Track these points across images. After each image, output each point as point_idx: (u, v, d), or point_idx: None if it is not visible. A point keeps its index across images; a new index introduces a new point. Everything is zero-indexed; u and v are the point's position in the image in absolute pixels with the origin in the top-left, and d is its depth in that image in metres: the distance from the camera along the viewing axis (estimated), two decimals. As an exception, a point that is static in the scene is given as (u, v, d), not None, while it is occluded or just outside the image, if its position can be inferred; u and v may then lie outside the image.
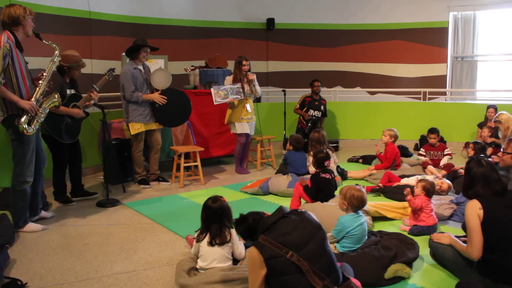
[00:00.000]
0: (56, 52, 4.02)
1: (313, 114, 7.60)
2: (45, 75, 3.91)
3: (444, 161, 5.87)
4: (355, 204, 3.20)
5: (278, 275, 2.13)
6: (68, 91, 4.62)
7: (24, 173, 3.82)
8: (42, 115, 3.85)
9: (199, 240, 2.91)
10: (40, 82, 3.88)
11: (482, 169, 2.75)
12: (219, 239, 2.84)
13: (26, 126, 3.70)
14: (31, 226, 3.99)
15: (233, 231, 2.91)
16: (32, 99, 3.77)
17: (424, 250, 3.32)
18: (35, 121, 3.78)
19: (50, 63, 3.99)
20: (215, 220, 2.87)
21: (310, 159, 5.08)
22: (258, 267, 2.15)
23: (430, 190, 3.84)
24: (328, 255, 2.23)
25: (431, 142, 6.06)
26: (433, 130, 6.07)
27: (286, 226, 2.21)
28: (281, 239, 2.15)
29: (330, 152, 5.54)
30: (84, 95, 4.71)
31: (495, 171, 2.76)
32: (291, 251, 2.11)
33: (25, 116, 3.70)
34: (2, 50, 3.53)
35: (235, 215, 2.48)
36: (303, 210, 2.37)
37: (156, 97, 5.39)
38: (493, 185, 2.69)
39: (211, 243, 2.84)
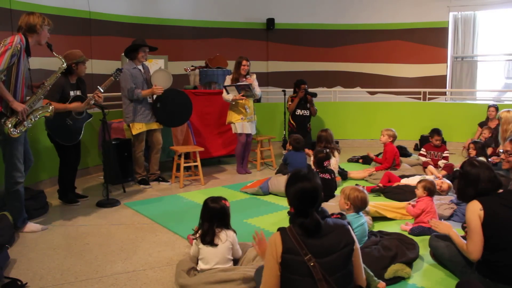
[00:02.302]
0: (63, 65, 4.03)
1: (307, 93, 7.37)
2: (45, 85, 3.93)
3: (442, 164, 5.81)
4: (359, 205, 3.22)
5: (289, 272, 2.07)
6: (72, 93, 4.60)
7: (14, 174, 3.82)
8: (31, 122, 3.82)
9: (195, 237, 2.94)
10: (38, 90, 3.90)
11: (476, 169, 2.74)
12: (208, 237, 2.86)
13: (12, 128, 3.68)
14: (30, 226, 3.99)
15: (231, 232, 2.93)
16: (26, 104, 3.77)
17: (424, 250, 3.32)
18: (22, 125, 3.75)
19: (54, 75, 4.00)
20: (207, 218, 2.91)
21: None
22: (274, 257, 2.06)
23: (431, 189, 3.84)
24: (347, 272, 2.15)
25: (435, 144, 6.00)
26: (438, 132, 5.98)
27: None
28: (306, 239, 2.07)
29: (336, 152, 5.56)
30: (89, 95, 4.70)
31: (489, 170, 2.75)
32: (310, 254, 2.04)
33: (13, 118, 3.69)
34: (12, 49, 3.58)
35: (235, 216, 2.46)
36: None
37: (154, 89, 5.37)
38: (487, 184, 2.69)
39: (202, 241, 2.87)
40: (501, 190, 2.78)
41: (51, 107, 3.99)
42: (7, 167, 3.82)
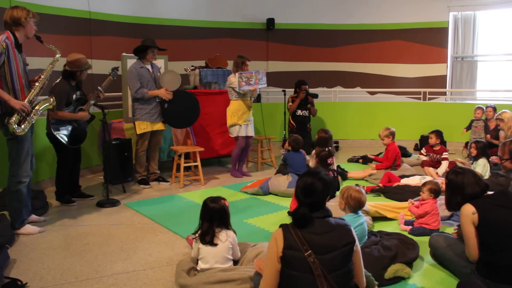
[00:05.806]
0: (57, 55, 4.03)
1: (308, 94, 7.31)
2: (42, 78, 3.92)
3: (442, 169, 5.68)
4: (352, 204, 3.21)
5: (289, 268, 2.10)
6: (74, 95, 4.63)
7: (18, 173, 3.81)
8: (34, 117, 3.82)
9: (195, 237, 2.94)
10: (36, 84, 3.89)
11: (460, 176, 2.77)
12: (208, 237, 2.86)
13: (16, 126, 3.69)
14: (27, 228, 3.96)
15: (231, 232, 2.94)
16: (26, 100, 3.77)
17: (424, 250, 3.32)
18: (26, 121, 3.75)
19: (49, 65, 4.00)
20: (207, 218, 2.91)
21: (313, 154, 5.02)
22: (275, 252, 2.11)
23: (437, 191, 3.85)
24: (347, 270, 2.18)
25: (430, 143, 6.04)
26: (437, 133, 5.99)
27: (319, 227, 2.16)
28: (307, 236, 2.12)
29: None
30: (90, 95, 4.74)
31: (473, 174, 2.78)
32: (311, 251, 2.08)
33: (15, 116, 3.69)
34: None
35: (235, 216, 2.46)
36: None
37: (162, 93, 5.37)
38: (473, 188, 2.71)
39: (201, 241, 2.87)
40: (491, 192, 2.79)
41: (52, 99, 4.01)
42: (12, 165, 3.82)
